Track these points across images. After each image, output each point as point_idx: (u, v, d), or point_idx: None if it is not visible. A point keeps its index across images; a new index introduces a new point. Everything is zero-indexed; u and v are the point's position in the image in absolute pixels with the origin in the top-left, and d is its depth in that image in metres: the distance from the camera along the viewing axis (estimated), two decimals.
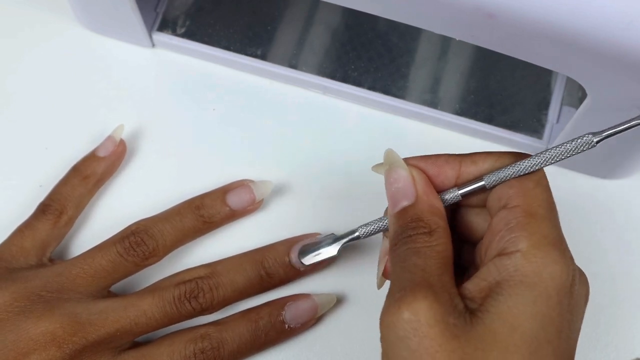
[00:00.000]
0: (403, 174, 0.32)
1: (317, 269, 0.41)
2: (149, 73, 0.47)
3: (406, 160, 0.32)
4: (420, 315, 0.27)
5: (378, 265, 0.34)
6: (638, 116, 0.30)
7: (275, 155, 0.45)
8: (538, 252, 0.28)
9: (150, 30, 0.46)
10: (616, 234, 0.44)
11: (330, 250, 0.38)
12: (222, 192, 0.41)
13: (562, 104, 0.44)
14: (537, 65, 0.34)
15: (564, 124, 0.43)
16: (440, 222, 0.30)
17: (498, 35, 0.33)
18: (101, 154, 0.42)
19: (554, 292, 0.28)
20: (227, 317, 0.39)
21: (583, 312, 0.30)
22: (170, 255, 0.40)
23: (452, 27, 0.34)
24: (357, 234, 0.35)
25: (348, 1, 0.35)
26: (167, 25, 0.46)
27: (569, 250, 0.29)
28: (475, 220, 0.33)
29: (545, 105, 0.44)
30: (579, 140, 0.30)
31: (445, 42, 0.46)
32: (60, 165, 0.44)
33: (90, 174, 0.42)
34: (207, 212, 0.40)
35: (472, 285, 0.29)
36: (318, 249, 0.38)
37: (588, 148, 0.30)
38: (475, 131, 0.44)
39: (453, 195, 0.32)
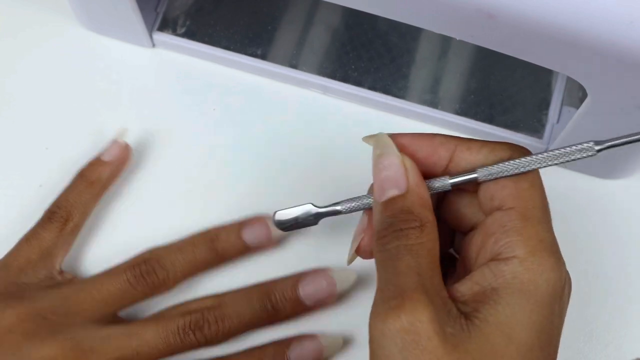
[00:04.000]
0: (395, 161, 0.30)
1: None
2: (149, 73, 0.47)
3: (398, 138, 0.31)
4: (419, 326, 0.26)
5: (352, 242, 0.33)
6: None
7: (275, 155, 0.45)
8: (535, 259, 0.28)
9: (150, 30, 0.46)
10: (616, 234, 0.43)
11: (309, 221, 0.34)
12: (238, 227, 0.40)
13: (562, 104, 0.44)
14: (537, 65, 0.34)
15: (564, 124, 0.42)
16: (429, 216, 0.29)
17: (498, 35, 0.33)
18: (106, 158, 0.42)
19: (548, 300, 0.27)
20: (231, 355, 0.39)
21: (566, 311, 0.30)
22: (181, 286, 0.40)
23: (452, 27, 0.34)
24: (338, 207, 0.33)
25: (348, 1, 0.35)
26: (167, 25, 0.46)
27: (561, 255, 0.29)
28: (465, 211, 0.32)
29: (545, 105, 0.44)
30: (580, 146, 0.30)
31: (445, 42, 0.46)
32: (60, 165, 0.44)
33: (96, 179, 0.41)
34: (220, 246, 0.40)
35: (465, 289, 0.28)
36: (297, 221, 0.34)
37: (588, 155, 0.30)
38: (476, 131, 0.44)
39: (443, 184, 0.31)
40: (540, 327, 0.27)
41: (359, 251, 0.32)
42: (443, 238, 0.30)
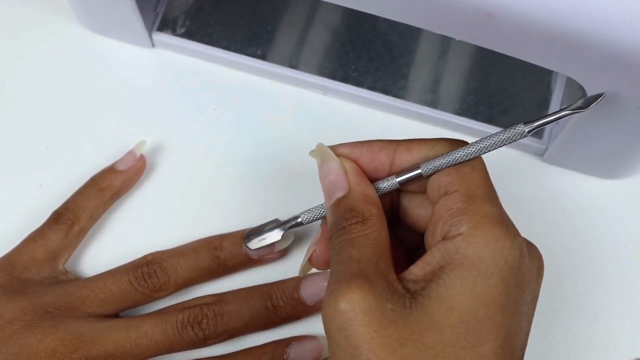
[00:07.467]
0: (334, 165, 0.32)
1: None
2: (149, 73, 0.47)
3: (337, 149, 0.33)
4: (355, 305, 0.27)
5: (306, 253, 0.34)
6: (568, 106, 0.31)
7: (276, 155, 0.45)
8: (478, 233, 0.28)
9: (150, 30, 0.46)
10: (616, 234, 0.43)
11: (274, 235, 0.39)
12: (242, 237, 0.40)
13: (562, 104, 0.44)
14: (537, 65, 0.34)
15: (564, 124, 0.42)
16: (373, 210, 0.31)
17: (498, 35, 0.33)
18: (120, 167, 0.42)
19: (496, 270, 0.28)
20: (230, 354, 0.39)
21: (537, 284, 0.30)
22: (181, 292, 0.40)
23: (452, 27, 0.34)
24: (299, 219, 0.36)
25: (348, 1, 0.35)
26: (167, 25, 0.46)
27: (512, 227, 0.29)
28: (419, 212, 0.33)
29: (545, 105, 0.44)
30: (511, 131, 0.31)
31: (445, 42, 0.46)
32: (60, 165, 0.44)
33: (107, 187, 0.41)
34: (223, 255, 0.40)
35: (417, 269, 0.29)
36: (262, 234, 0.39)
37: (520, 138, 0.31)
38: (476, 131, 0.44)
39: (391, 183, 0.32)
40: (486, 297, 0.27)
41: (312, 261, 0.34)
42: (407, 240, 0.33)
